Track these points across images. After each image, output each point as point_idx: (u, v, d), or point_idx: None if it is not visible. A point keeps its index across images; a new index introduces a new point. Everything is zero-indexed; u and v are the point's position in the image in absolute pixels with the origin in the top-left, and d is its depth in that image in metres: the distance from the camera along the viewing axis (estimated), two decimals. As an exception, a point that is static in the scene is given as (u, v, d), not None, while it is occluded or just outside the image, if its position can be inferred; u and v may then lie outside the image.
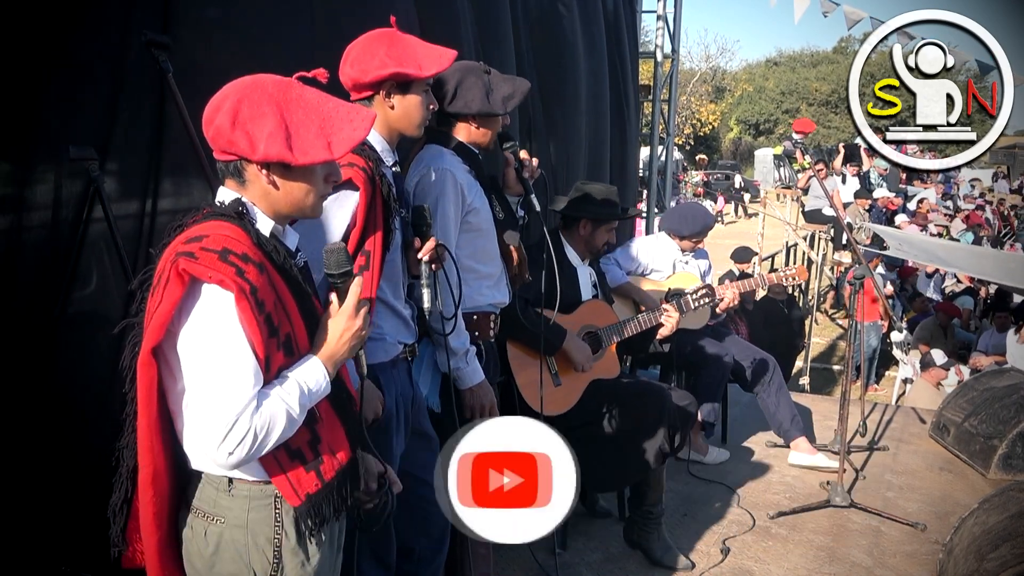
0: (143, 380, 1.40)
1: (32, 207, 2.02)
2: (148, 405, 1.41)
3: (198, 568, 1.49)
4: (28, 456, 1.98)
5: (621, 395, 3.18)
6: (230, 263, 1.36)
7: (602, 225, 3.34)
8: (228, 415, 1.35)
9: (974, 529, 3.00)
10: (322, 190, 1.52)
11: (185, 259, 1.36)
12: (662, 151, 7.59)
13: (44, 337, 2.04)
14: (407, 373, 2.21)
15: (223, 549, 1.47)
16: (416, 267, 2.11)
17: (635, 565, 3.30)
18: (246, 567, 1.47)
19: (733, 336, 4.55)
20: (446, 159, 2.36)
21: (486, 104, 2.36)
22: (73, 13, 2.02)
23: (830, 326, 11.74)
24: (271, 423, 1.39)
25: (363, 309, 1.53)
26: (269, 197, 1.48)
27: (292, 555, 1.49)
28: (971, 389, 4.91)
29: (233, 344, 1.36)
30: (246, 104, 1.42)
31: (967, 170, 19.63)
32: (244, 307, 1.36)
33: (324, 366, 1.48)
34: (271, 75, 1.47)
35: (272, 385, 1.42)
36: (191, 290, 1.37)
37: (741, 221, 21.47)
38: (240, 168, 1.46)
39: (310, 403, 1.46)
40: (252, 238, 1.43)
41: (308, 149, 1.43)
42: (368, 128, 1.50)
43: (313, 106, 1.46)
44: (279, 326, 1.42)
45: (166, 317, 1.37)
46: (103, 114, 2.12)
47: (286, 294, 1.45)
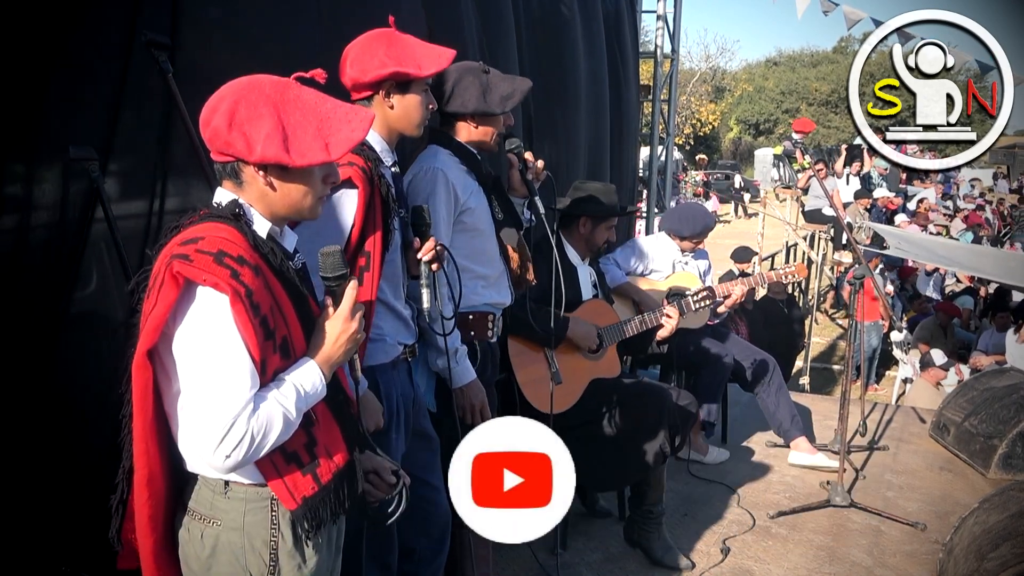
0: (138, 382, 1.40)
1: (32, 207, 2.02)
2: (143, 407, 1.41)
3: (194, 570, 1.49)
4: (28, 456, 1.98)
5: (621, 395, 3.18)
6: (225, 265, 1.35)
7: (602, 222, 3.34)
8: (225, 418, 1.35)
9: (974, 529, 3.00)
10: (320, 191, 1.51)
11: (180, 261, 1.35)
12: (662, 151, 7.58)
13: (45, 337, 2.04)
14: (408, 374, 2.21)
15: (219, 552, 1.47)
16: (415, 267, 2.11)
17: (635, 565, 3.30)
18: (242, 569, 1.47)
19: (733, 336, 4.55)
20: (440, 158, 2.36)
21: (482, 103, 2.36)
22: (74, 13, 2.01)
23: (830, 326, 11.74)
24: (268, 426, 1.38)
25: (359, 312, 1.53)
26: (266, 199, 1.47)
27: (288, 558, 1.48)
28: (971, 389, 4.91)
29: (228, 347, 1.36)
30: (243, 105, 1.41)
31: (967, 170, 19.63)
32: (239, 310, 1.35)
33: (320, 369, 1.48)
34: (268, 76, 1.46)
35: (268, 388, 1.41)
36: (186, 292, 1.36)
37: (741, 221, 21.46)
38: (237, 169, 1.46)
39: (306, 406, 1.46)
40: (249, 240, 1.42)
41: (305, 150, 1.42)
42: (366, 129, 1.49)
43: (311, 107, 1.45)
44: (275, 329, 1.42)
45: (161, 320, 1.36)
46: (103, 114, 2.12)
47: (283, 296, 1.45)
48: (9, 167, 1.97)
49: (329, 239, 1.87)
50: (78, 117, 2.07)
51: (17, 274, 1.98)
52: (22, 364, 1.97)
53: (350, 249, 1.90)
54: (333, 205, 1.88)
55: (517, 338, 2.97)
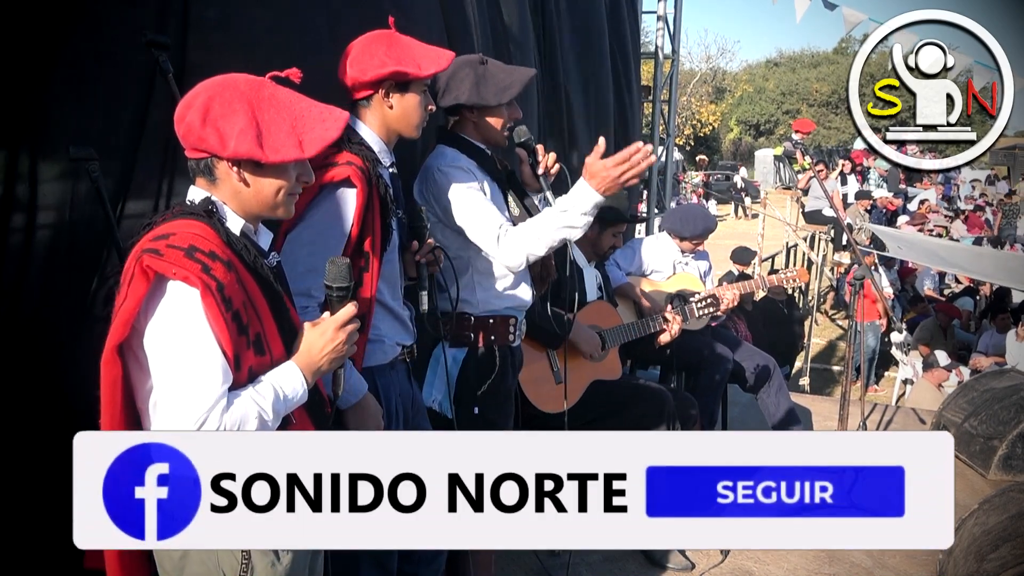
0: (107, 378, 1.39)
1: (33, 207, 2.01)
2: (112, 403, 1.40)
3: (168, 570, 1.48)
4: (29, 455, 1.98)
5: (621, 396, 3.18)
6: (196, 260, 1.35)
7: (609, 228, 3.34)
8: (197, 412, 1.34)
9: (974, 530, 3.00)
10: (292, 189, 1.51)
11: (150, 256, 1.35)
12: (662, 151, 7.59)
13: (46, 337, 2.04)
14: (406, 374, 2.21)
15: (192, 552, 1.46)
16: (412, 269, 2.10)
17: (635, 565, 3.30)
18: (215, 568, 1.46)
19: (733, 337, 4.55)
20: (447, 156, 2.34)
21: (475, 95, 2.30)
22: (73, 13, 2.02)
23: (830, 326, 11.73)
24: (241, 423, 1.38)
25: (350, 326, 1.52)
26: (239, 196, 1.48)
27: (262, 555, 1.48)
28: (971, 390, 4.91)
29: (199, 341, 1.35)
30: (217, 101, 1.42)
31: (967, 171, 19.62)
32: (210, 303, 1.35)
33: (303, 374, 1.47)
34: (243, 74, 1.47)
35: (245, 387, 1.41)
36: (156, 287, 1.36)
37: (741, 221, 21.45)
38: (211, 166, 1.46)
39: (286, 409, 1.45)
40: (221, 236, 1.42)
41: (279, 147, 1.43)
42: (340, 128, 1.49)
43: (285, 105, 1.46)
44: (248, 324, 1.41)
45: (131, 314, 1.36)
46: (103, 114, 2.12)
47: (256, 293, 1.45)
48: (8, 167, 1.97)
49: (331, 238, 1.87)
50: (77, 117, 2.07)
51: (16, 274, 1.98)
52: (23, 364, 1.98)
53: (349, 248, 1.90)
54: (333, 203, 1.87)
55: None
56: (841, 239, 10.87)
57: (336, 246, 1.87)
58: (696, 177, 23.80)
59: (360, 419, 1.91)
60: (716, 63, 34.77)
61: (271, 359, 1.47)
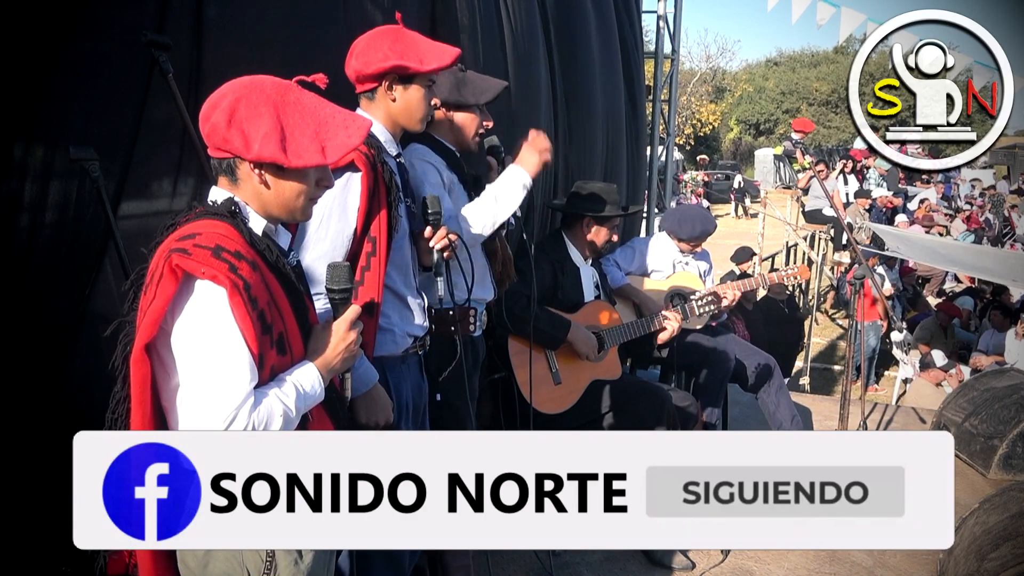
0: (136, 377, 1.40)
1: (33, 208, 2.02)
2: (142, 402, 1.41)
3: (191, 567, 1.49)
4: (30, 456, 1.98)
5: (621, 395, 3.18)
6: (223, 259, 1.37)
7: (605, 223, 3.33)
8: (226, 410, 1.36)
9: (974, 529, 3.00)
10: (312, 193, 1.54)
11: (179, 255, 1.36)
12: (662, 151, 7.59)
13: (46, 338, 2.04)
14: (419, 366, 2.22)
15: (216, 549, 1.47)
16: (426, 257, 2.12)
17: (635, 565, 3.30)
18: (239, 566, 1.47)
19: (733, 336, 4.54)
20: (419, 151, 2.39)
21: (455, 93, 2.39)
22: (73, 13, 2.02)
23: (830, 326, 11.73)
24: (268, 421, 1.39)
25: (358, 328, 1.57)
26: (260, 197, 1.50)
27: (285, 554, 1.49)
28: (971, 389, 4.91)
29: (228, 339, 1.37)
30: (243, 103, 1.43)
31: (967, 170, 19.61)
32: (237, 302, 1.36)
33: (319, 372, 1.50)
34: (271, 77, 1.49)
35: (269, 386, 1.43)
36: (184, 286, 1.38)
37: (741, 221, 21.45)
38: (233, 166, 1.48)
39: (305, 407, 1.47)
40: (245, 236, 1.44)
41: (302, 152, 1.45)
42: (363, 136, 1.52)
43: (310, 110, 1.48)
44: (272, 324, 1.43)
45: (159, 313, 1.37)
46: (103, 114, 2.12)
47: (279, 293, 1.47)
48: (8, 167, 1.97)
49: (337, 221, 1.90)
50: (77, 117, 2.07)
51: (16, 274, 1.98)
52: (24, 364, 1.98)
53: (356, 233, 1.92)
54: (339, 187, 1.90)
55: (517, 338, 2.98)
56: (841, 238, 10.86)
57: (343, 228, 1.91)
58: (698, 177, 23.81)
59: (370, 409, 1.94)
60: (716, 63, 34.84)
61: (292, 359, 1.49)
